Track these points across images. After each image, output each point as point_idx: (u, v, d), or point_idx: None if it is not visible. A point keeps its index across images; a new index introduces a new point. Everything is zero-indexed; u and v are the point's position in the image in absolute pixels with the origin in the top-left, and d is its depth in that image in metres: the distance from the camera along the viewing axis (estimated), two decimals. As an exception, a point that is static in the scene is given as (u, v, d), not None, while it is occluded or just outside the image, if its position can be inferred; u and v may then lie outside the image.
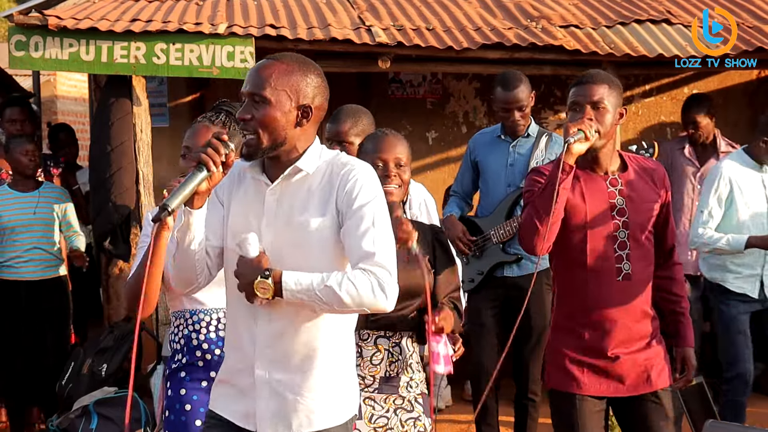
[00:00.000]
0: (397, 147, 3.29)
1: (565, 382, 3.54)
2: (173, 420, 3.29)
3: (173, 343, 3.38)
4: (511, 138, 5.17)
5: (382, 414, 3.24)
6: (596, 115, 3.43)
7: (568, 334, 3.55)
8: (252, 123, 2.60)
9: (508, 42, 6.15)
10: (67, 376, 5.74)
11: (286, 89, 2.61)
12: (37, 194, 5.92)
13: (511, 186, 5.14)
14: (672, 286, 3.66)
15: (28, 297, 5.84)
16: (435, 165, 7.76)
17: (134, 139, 5.93)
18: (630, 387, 3.52)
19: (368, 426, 3.21)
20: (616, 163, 3.57)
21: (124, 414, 5.39)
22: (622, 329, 3.49)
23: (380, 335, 3.25)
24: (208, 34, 5.84)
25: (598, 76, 3.53)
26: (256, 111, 2.60)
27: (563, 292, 3.60)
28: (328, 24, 6.22)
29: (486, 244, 5.19)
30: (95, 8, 6.09)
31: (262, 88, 2.60)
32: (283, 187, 2.66)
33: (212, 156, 2.51)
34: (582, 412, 3.50)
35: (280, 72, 2.62)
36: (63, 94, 13.19)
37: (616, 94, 3.49)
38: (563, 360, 3.55)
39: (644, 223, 3.52)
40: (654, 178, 3.57)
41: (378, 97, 7.56)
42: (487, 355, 5.19)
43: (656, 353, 3.55)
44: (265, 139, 2.60)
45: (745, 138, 6.81)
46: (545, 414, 5.80)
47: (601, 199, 3.50)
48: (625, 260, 3.49)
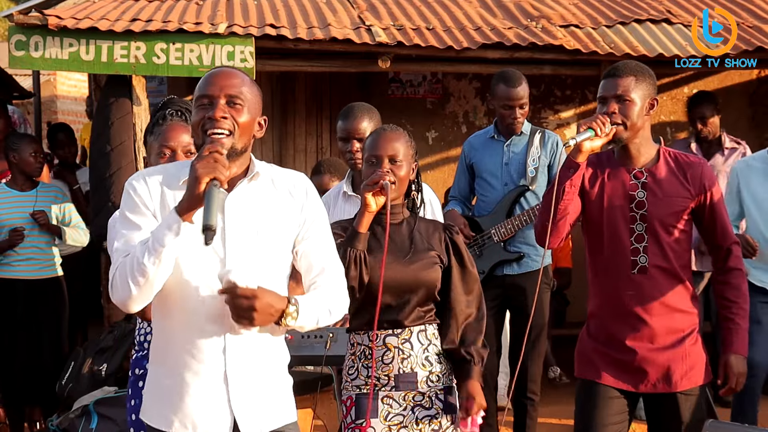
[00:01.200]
0: (393, 142, 3.29)
1: (587, 370, 3.58)
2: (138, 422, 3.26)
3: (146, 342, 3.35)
4: (505, 137, 5.19)
5: (399, 412, 3.24)
6: (621, 108, 3.42)
7: (594, 323, 3.60)
8: (228, 122, 2.61)
9: (508, 42, 6.15)
10: (67, 376, 5.73)
11: (253, 100, 2.69)
12: (34, 193, 5.93)
13: (508, 185, 5.15)
14: (726, 290, 3.57)
15: (25, 296, 5.84)
16: (435, 165, 7.77)
17: (134, 139, 5.93)
18: (648, 384, 3.50)
19: (383, 424, 3.22)
20: (649, 156, 3.53)
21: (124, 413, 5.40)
22: (640, 323, 3.47)
23: (389, 334, 3.25)
24: (208, 34, 5.84)
25: (625, 67, 3.50)
26: (236, 113, 2.63)
27: (592, 282, 3.62)
28: (328, 24, 6.22)
29: (487, 242, 5.19)
30: (95, 8, 6.09)
31: (240, 91, 2.65)
32: (243, 194, 2.68)
33: (222, 171, 2.51)
34: (599, 400, 3.51)
35: (249, 83, 2.70)
36: (63, 94, 13.20)
37: (646, 85, 3.46)
38: (586, 349, 3.60)
39: (665, 218, 3.47)
40: (688, 174, 3.51)
41: (378, 97, 7.56)
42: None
43: (684, 353, 3.50)
44: (239, 141, 2.63)
45: (745, 138, 6.81)
46: (545, 413, 5.83)
47: (621, 191, 3.50)
48: (642, 253, 3.47)
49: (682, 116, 7.89)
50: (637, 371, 3.50)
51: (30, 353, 5.85)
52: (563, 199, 3.40)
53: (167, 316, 2.70)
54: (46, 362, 5.86)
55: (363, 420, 3.20)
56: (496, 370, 5.43)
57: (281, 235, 2.69)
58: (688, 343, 3.52)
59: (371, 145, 3.32)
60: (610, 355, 3.53)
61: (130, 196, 2.65)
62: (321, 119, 7.81)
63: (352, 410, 3.24)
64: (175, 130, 3.35)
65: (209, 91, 2.64)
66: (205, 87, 2.66)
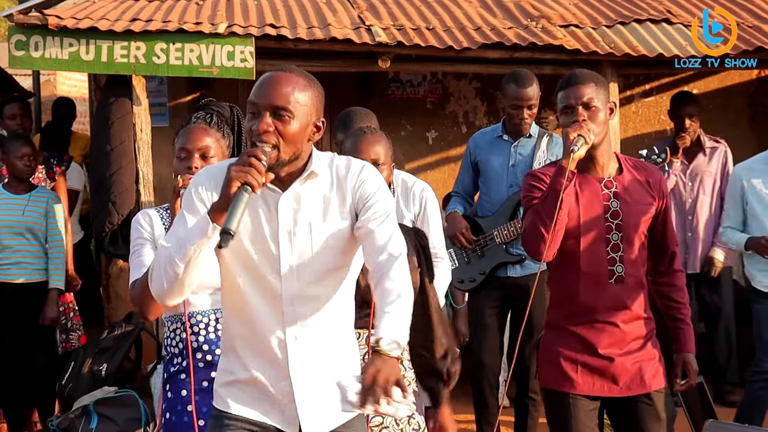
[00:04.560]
0: (374, 146, 3.29)
1: (559, 382, 3.56)
2: (175, 421, 3.29)
3: (170, 347, 3.38)
4: (513, 138, 5.17)
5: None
6: (589, 115, 3.44)
7: (563, 333, 3.57)
8: (273, 137, 2.56)
9: (508, 42, 6.15)
10: (67, 376, 5.73)
11: (307, 105, 2.60)
12: (27, 197, 5.81)
13: (513, 186, 5.14)
14: (672, 292, 3.65)
15: (13, 300, 5.76)
16: (435, 165, 7.77)
17: (134, 139, 5.93)
18: (623, 387, 3.53)
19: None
20: (613, 164, 3.57)
21: (125, 413, 5.40)
22: (615, 330, 3.50)
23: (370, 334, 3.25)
24: (208, 34, 5.84)
25: (582, 75, 3.52)
26: (282, 125, 2.57)
27: (558, 292, 3.62)
28: (328, 24, 6.22)
29: (489, 243, 5.19)
30: (95, 8, 6.09)
31: (287, 101, 2.57)
32: (297, 194, 2.65)
33: (256, 177, 2.48)
34: (576, 410, 3.52)
35: (303, 86, 2.61)
36: (63, 94, 13.19)
37: (603, 90, 3.50)
38: (557, 359, 3.56)
39: (638, 226, 3.51)
40: (649, 181, 3.57)
41: (378, 97, 7.56)
42: (489, 355, 5.20)
43: (650, 355, 3.56)
44: (285, 153, 2.59)
45: (745, 138, 6.81)
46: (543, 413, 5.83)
47: (595, 202, 3.51)
48: (618, 263, 3.50)
49: (682, 116, 7.90)
50: (613, 377, 3.52)
51: (20, 358, 5.77)
52: (561, 208, 3.39)
53: (231, 312, 2.73)
54: (37, 365, 5.79)
55: None
56: (498, 370, 5.43)
57: (338, 235, 2.64)
58: (651, 344, 3.59)
59: (354, 148, 3.28)
60: (584, 363, 3.52)
61: (189, 192, 2.67)
62: (321, 119, 7.81)
63: None
64: (194, 133, 3.35)
65: (256, 101, 2.59)
66: (254, 94, 2.60)
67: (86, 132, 9.48)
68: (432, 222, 4.07)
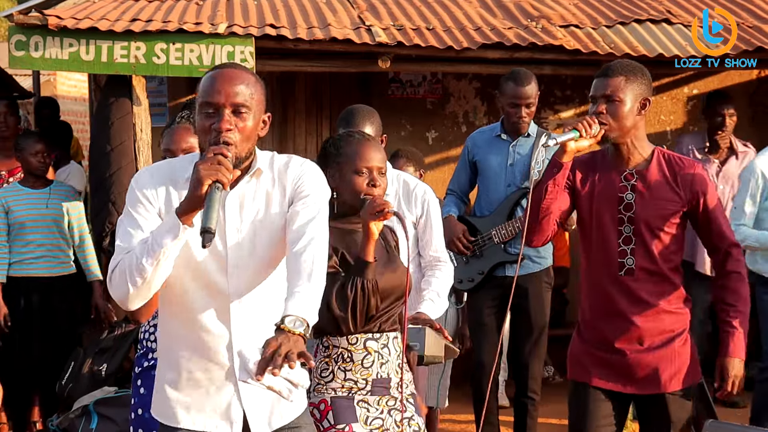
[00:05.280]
0: (379, 154, 3.28)
1: (578, 373, 3.61)
2: (147, 418, 3.27)
3: (147, 341, 3.37)
4: (511, 137, 5.18)
5: (377, 416, 3.22)
6: (609, 108, 3.43)
7: (584, 325, 3.62)
8: (234, 134, 2.56)
9: (508, 42, 6.15)
10: (67, 376, 5.73)
11: (259, 100, 2.63)
12: (48, 191, 5.97)
13: (511, 186, 5.15)
14: (723, 294, 3.55)
15: (41, 294, 5.85)
16: (435, 165, 7.76)
17: (134, 139, 5.93)
18: (637, 385, 3.52)
19: (365, 428, 3.19)
20: (642, 157, 3.53)
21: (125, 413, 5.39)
22: (626, 324, 3.49)
23: (369, 338, 3.22)
24: (208, 34, 5.84)
25: (615, 67, 3.50)
26: (241, 121, 2.58)
27: (583, 284, 3.65)
28: (328, 24, 6.22)
29: (487, 243, 5.19)
30: (95, 8, 6.09)
31: (245, 98, 2.58)
32: (243, 192, 2.66)
33: (226, 174, 2.48)
34: (589, 400, 3.54)
35: (253, 82, 2.62)
36: (63, 94, 13.20)
37: (637, 84, 3.45)
38: (577, 351, 3.62)
39: (653, 221, 3.47)
40: (678, 178, 3.49)
41: (378, 97, 7.55)
42: (488, 355, 5.20)
43: (673, 354, 3.51)
44: (242, 149, 2.60)
45: (745, 138, 6.81)
46: (545, 413, 5.83)
47: (610, 193, 3.51)
48: (629, 255, 3.48)
49: (682, 116, 7.90)
50: (626, 372, 3.51)
51: (43, 352, 5.84)
52: (545, 198, 3.43)
53: (171, 314, 2.70)
54: (57, 361, 5.85)
55: (345, 424, 3.16)
56: (497, 369, 5.43)
57: (278, 229, 2.66)
58: (677, 343, 3.53)
59: (362, 155, 3.27)
60: (600, 357, 3.54)
61: (134, 192, 2.63)
62: (321, 119, 7.81)
63: (328, 414, 3.19)
64: (177, 134, 3.36)
65: (214, 99, 2.57)
66: (210, 93, 2.58)
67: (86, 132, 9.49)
68: (435, 226, 4.08)
